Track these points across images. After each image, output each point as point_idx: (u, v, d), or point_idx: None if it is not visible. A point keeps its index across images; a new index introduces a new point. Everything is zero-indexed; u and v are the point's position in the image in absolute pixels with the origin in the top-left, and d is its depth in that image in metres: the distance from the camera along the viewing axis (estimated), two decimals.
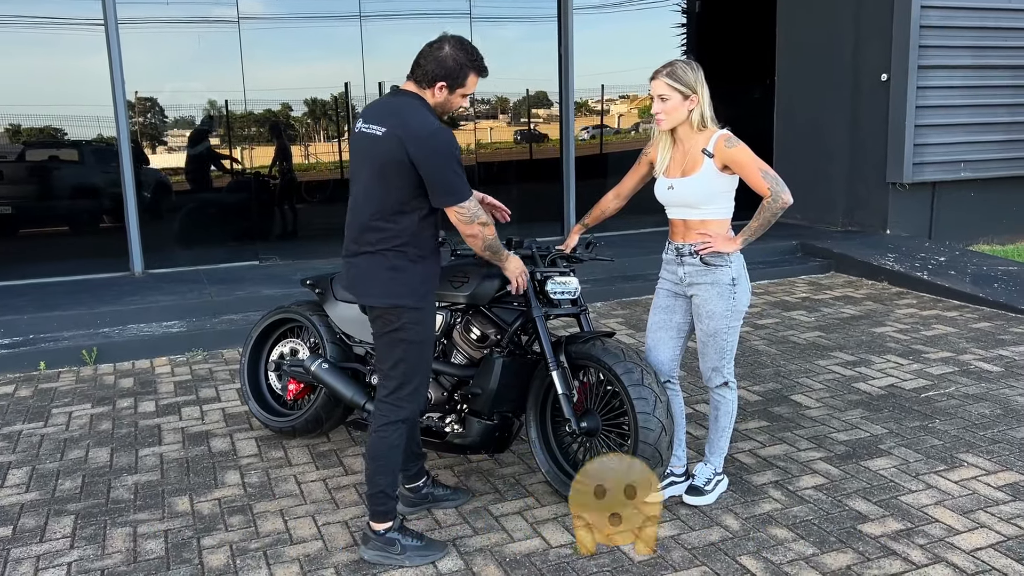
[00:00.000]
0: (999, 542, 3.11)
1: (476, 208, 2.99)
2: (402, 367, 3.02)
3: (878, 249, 7.85)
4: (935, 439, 4.03)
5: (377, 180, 2.93)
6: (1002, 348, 5.39)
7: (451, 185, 2.90)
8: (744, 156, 3.18)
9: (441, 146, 2.86)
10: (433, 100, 2.97)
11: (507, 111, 9.18)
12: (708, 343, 3.35)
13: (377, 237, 2.96)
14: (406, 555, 3.03)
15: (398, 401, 3.05)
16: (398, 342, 3.01)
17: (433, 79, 2.93)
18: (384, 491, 3.04)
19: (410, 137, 2.84)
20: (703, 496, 3.45)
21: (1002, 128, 8.60)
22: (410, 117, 2.89)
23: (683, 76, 3.19)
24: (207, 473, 3.86)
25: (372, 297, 3.01)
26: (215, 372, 5.31)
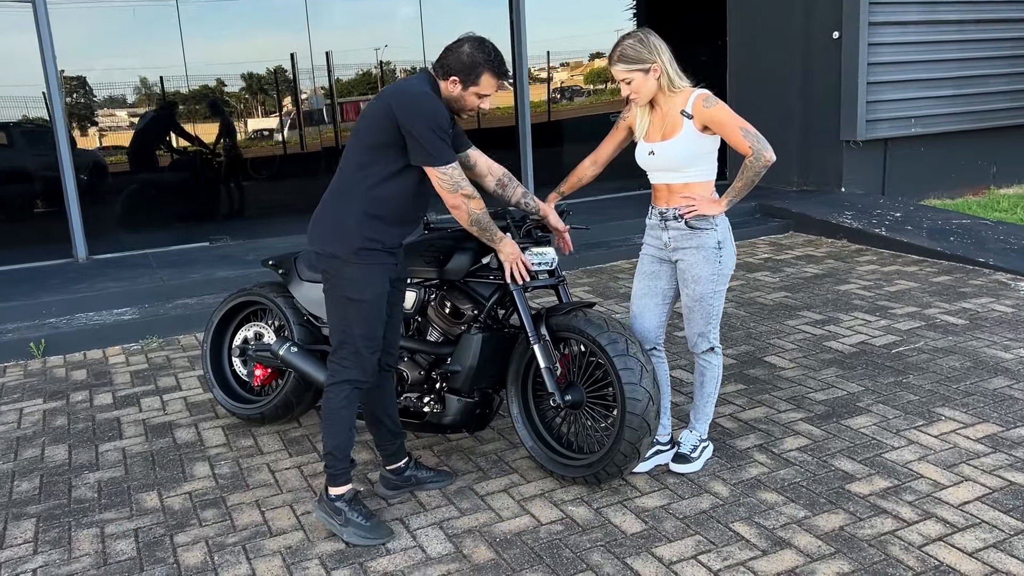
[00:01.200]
0: (985, 495, 3.12)
1: (460, 177, 2.92)
2: (342, 325, 2.98)
3: (835, 207, 7.90)
4: (911, 394, 4.05)
5: (355, 136, 2.95)
6: (964, 301, 5.46)
7: (431, 145, 2.84)
8: (723, 115, 3.10)
9: (426, 106, 2.84)
10: (446, 92, 2.96)
11: None
12: (694, 308, 3.28)
13: (337, 185, 2.98)
14: (348, 528, 2.99)
15: (342, 360, 3.00)
16: (337, 297, 2.98)
17: (448, 72, 2.94)
18: (332, 452, 3.01)
19: (396, 94, 2.87)
20: (690, 463, 3.40)
21: (951, 83, 8.70)
22: (405, 83, 2.93)
23: (635, 55, 3.11)
24: (174, 466, 3.69)
25: (313, 241, 3.00)
26: (173, 360, 5.10)
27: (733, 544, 2.90)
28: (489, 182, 3.34)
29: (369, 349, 3.00)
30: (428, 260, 3.47)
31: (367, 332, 2.98)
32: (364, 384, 3.05)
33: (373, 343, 3.01)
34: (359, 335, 2.97)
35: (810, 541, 2.89)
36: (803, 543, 2.88)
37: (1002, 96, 8.97)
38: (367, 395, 3.17)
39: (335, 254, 2.92)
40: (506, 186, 3.37)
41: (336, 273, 2.94)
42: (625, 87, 3.16)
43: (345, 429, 3.02)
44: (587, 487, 3.31)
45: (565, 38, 9.41)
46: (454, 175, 2.90)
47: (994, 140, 9.13)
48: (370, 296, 2.96)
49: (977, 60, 8.76)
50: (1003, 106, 9.00)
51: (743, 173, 3.12)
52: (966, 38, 8.62)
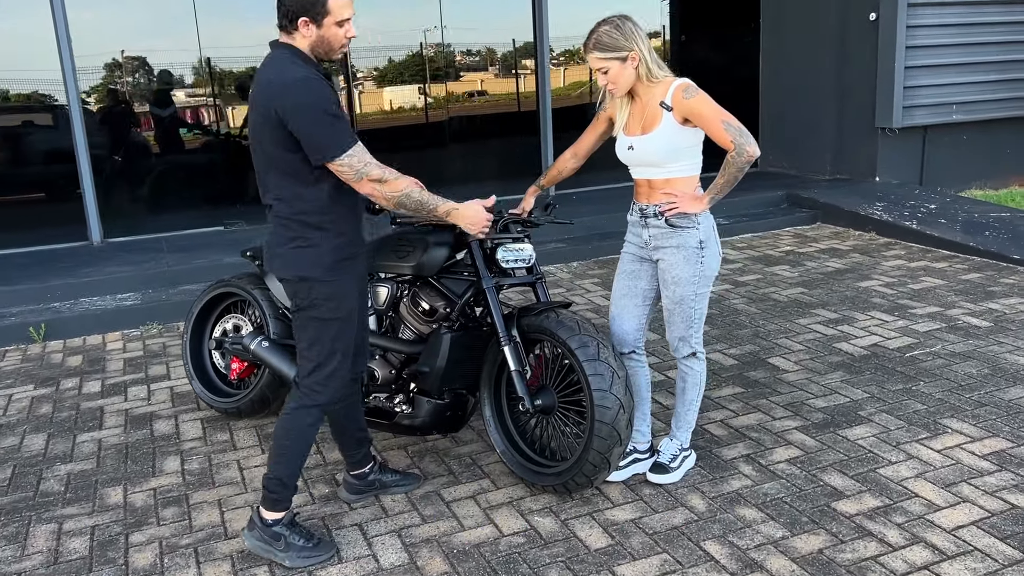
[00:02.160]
0: (982, 519, 2.90)
1: (362, 163, 2.57)
2: (317, 348, 2.76)
3: (866, 198, 7.57)
4: (918, 403, 3.81)
5: (263, 144, 2.62)
6: (991, 301, 5.15)
7: (321, 137, 2.53)
8: (704, 107, 2.90)
9: (301, 95, 2.50)
10: (307, 42, 2.61)
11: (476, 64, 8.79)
12: (674, 311, 3.10)
13: (280, 205, 2.68)
14: (288, 553, 2.79)
15: (315, 385, 2.78)
16: (310, 320, 2.75)
17: (293, 16, 2.57)
18: (281, 479, 2.79)
19: (270, 93, 2.53)
20: (668, 474, 3.23)
21: (996, 67, 8.25)
22: (269, 72, 2.58)
23: (611, 42, 2.91)
24: (146, 460, 3.63)
25: (277, 268, 2.75)
26: (168, 347, 5.07)
27: (700, 565, 2.73)
28: None
29: (346, 368, 2.82)
30: (401, 255, 3.34)
31: (345, 350, 2.79)
32: (336, 405, 2.91)
33: (349, 359, 2.83)
34: (338, 356, 2.77)
35: (783, 565, 2.70)
36: (776, 566, 2.70)
37: None
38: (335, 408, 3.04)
39: (305, 276, 2.69)
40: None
41: (307, 295, 2.71)
42: (601, 77, 2.98)
43: (303, 455, 2.82)
44: (558, 496, 3.16)
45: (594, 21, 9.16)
46: (353, 163, 2.56)
47: None
48: (347, 311, 2.76)
49: (1023, 43, 8.30)
50: None
51: (725, 169, 2.92)
52: (1013, 19, 8.16)
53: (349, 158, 2.56)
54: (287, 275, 2.73)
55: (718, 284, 5.82)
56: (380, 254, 3.43)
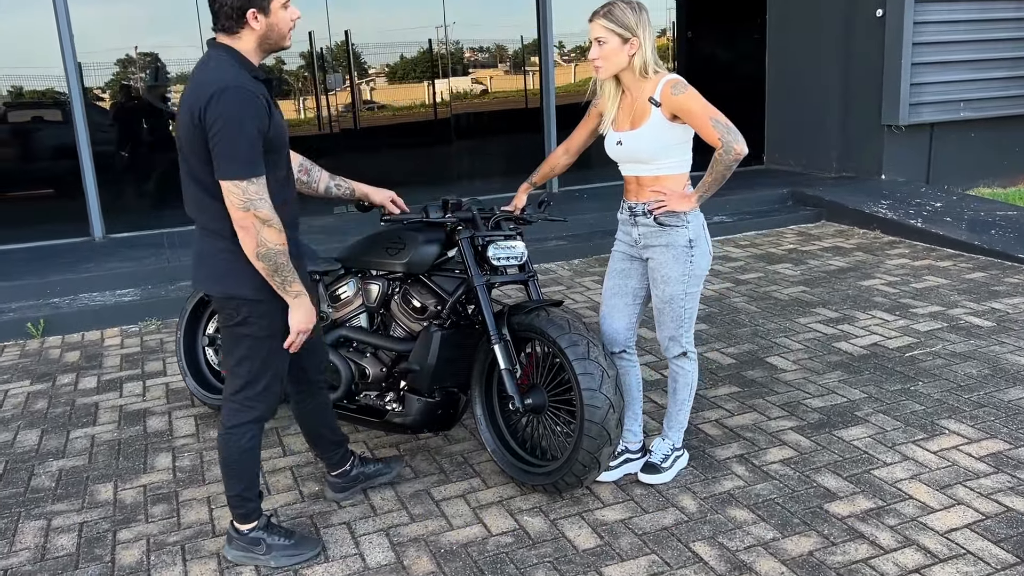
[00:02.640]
0: (976, 521, 2.86)
1: (257, 196, 2.40)
2: (247, 365, 2.64)
3: (871, 196, 7.51)
4: (916, 404, 3.76)
5: (186, 150, 2.49)
6: (995, 300, 5.10)
7: (226, 154, 2.36)
8: (692, 103, 2.86)
9: (226, 106, 2.35)
10: (256, 36, 2.48)
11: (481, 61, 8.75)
12: (664, 311, 3.06)
13: (204, 217, 2.54)
14: (271, 555, 2.76)
15: (247, 401, 2.68)
16: (241, 337, 2.62)
17: (240, 14, 2.43)
18: (240, 495, 2.74)
19: (197, 97, 2.39)
20: (660, 474, 3.20)
21: (1005, 64, 8.17)
22: (202, 75, 2.44)
23: (622, 17, 2.86)
24: (137, 456, 3.63)
25: (204, 284, 2.62)
26: (166, 343, 5.07)
27: (688, 567, 2.70)
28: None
29: (279, 382, 2.73)
30: (392, 253, 3.32)
31: (279, 365, 2.70)
32: (271, 416, 2.80)
33: (284, 373, 2.74)
34: (271, 373, 2.68)
35: (773, 567, 2.67)
36: (765, 569, 2.66)
37: None
38: (304, 414, 3.00)
39: (232, 295, 2.56)
40: (309, 171, 3.06)
41: (235, 313, 2.59)
42: (596, 48, 2.91)
43: (253, 468, 2.75)
44: (548, 495, 3.14)
45: None
46: (249, 191, 2.38)
47: None
48: (279, 328, 2.63)
49: None
50: None
51: (713, 167, 2.88)
52: (1020, 16, 8.06)
53: (247, 183, 2.39)
54: (213, 292, 2.61)
55: (718, 283, 5.78)
56: (371, 251, 3.41)
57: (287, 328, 2.66)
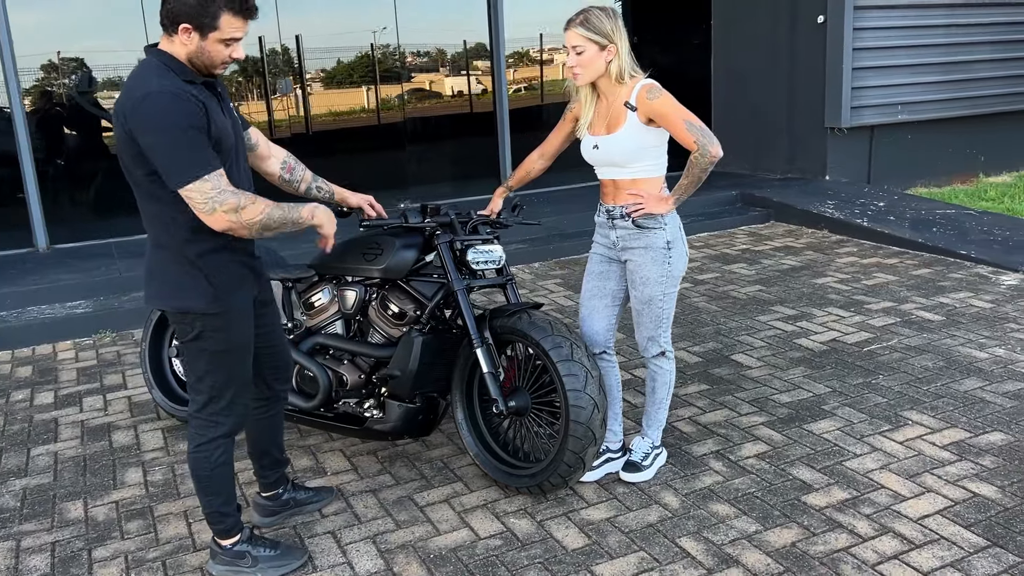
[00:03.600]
0: (947, 507, 2.97)
1: (216, 190, 2.30)
2: (209, 380, 2.58)
3: (817, 196, 7.72)
4: (879, 396, 3.89)
5: (125, 162, 2.41)
6: (942, 295, 5.30)
7: (168, 162, 2.27)
8: (667, 107, 2.91)
9: (152, 113, 2.25)
10: (185, 50, 2.37)
11: (433, 65, 8.74)
12: (643, 311, 3.11)
13: (153, 229, 2.47)
14: (258, 567, 2.71)
15: (212, 417, 2.62)
16: (199, 352, 2.55)
17: (174, 21, 2.32)
18: (219, 511, 2.69)
19: (123, 109, 2.31)
20: (641, 472, 3.24)
21: (939, 68, 8.49)
22: (131, 84, 2.33)
23: (598, 25, 2.90)
24: (106, 472, 3.53)
25: (156, 299, 2.55)
26: (123, 355, 4.94)
27: (677, 562, 2.74)
28: (272, 165, 2.90)
29: (246, 393, 2.69)
30: (369, 258, 3.30)
31: (243, 378, 2.64)
32: (240, 430, 2.76)
33: (249, 385, 2.69)
34: (235, 386, 2.61)
35: (759, 559, 2.74)
36: (751, 561, 2.73)
37: (992, 82, 8.76)
38: (257, 426, 2.92)
39: (186, 309, 2.49)
40: (293, 169, 2.96)
41: (191, 328, 2.51)
42: (573, 56, 2.95)
43: (228, 482, 2.69)
44: (533, 497, 3.15)
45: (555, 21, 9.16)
46: (205, 190, 2.28)
47: (983, 127, 8.94)
48: (240, 340, 2.58)
49: (966, 45, 8.55)
50: (992, 92, 8.80)
51: (689, 170, 2.94)
52: (955, 22, 8.41)
53: (201, 183, 2.28)
54: (165, 307, 2.53)
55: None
56: (347, 257, 3.38)
57: (248, 338, 2.61)
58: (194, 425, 2.65)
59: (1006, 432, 3.48)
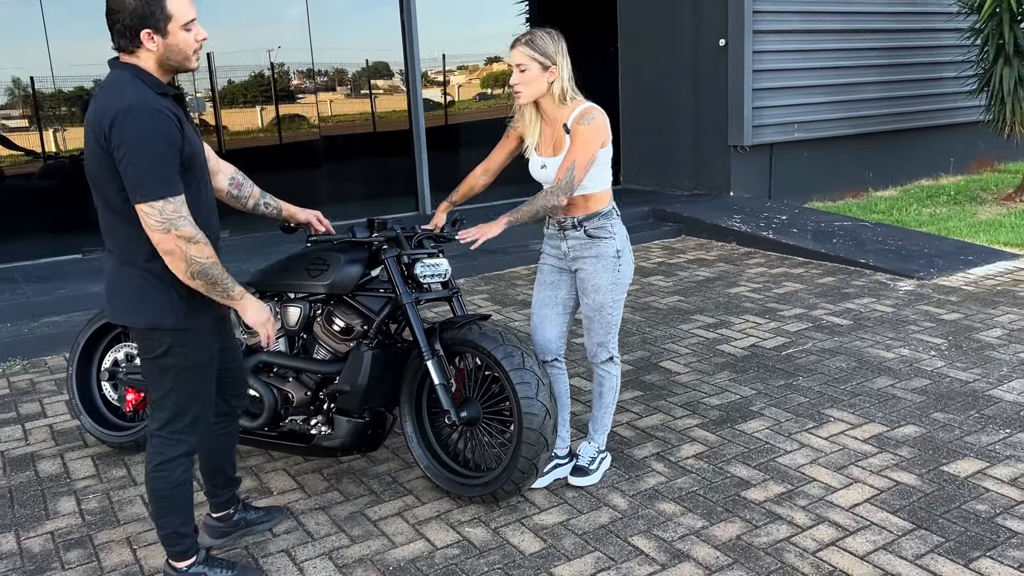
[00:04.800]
0: (874, 496, 3.18)
1: (176, 214, 2.31)
2: (174, 397, 2.56)
3: (724, 211, 8.08)
4: (801, 396, 4.12)
5: (96, 178, 2.39)
6: (848, 301, 5.64)
7: (137, 175, 2.28)
8: (580, 136, 3.02)
9: (133, 126, 2.27)
10: (154, 56, 2.37)
11: (346, 83, 8.71)
12: (594, 318, 3.22)
13: (118, 246, 2.44)
14: None
15: (174, 435, 2.59)
16: (165, 369, 2.52)
17: (134, 32, 2.33)
18: (176, 531, 2.65)
19: (102, 120, 2.29)
20: (588, 476, 3.34)
21: (829, 90, 9.02)
22: (105, 95, 2.34)
23: (542, 45, 3.02)
24: (35, 503, 3.38)
25: (122, 315, 2.50)
26: (38, 383, 4.72)
27: (632, 559, 2.84)
28: (221, 181, 2.92)
29: (209, 411, 2.67)
30: (313, 274, 3.30)
31: (207, 394, 2.63)
32: (200, 448, 2.74)
33: (211, 402, 2.67)
34: (199, 402, 2.60)
35: (708, 552, 2.87)
36: (701, 555, 2.85)
37: (876, 103, 9.37)
38: (213, 444, 2.87)
39: (155, 325, 2.46)
40: (241, 185, 2.97)
41: (158, 344, 2.49)
42: (517, 74, 3.05)
43: (187, 502, 2.65)
44: (485, 506, 3.20)
45: (460, 41, 9.28)
46: (165, 210, 2.29)
47: (870, 145, 9.54)
48: (205, 357, 2.58)
49: (854, 68, 9.12)
50: (877, 112, 9.41)
51: (535, 200, 3.04)
52: (842, 47, 8.96)
53: (163, 203, 2.29)
54: (133, 323, 2.49)
55: None
56: (290, 273, 3.36)
57: (212, 354, 2.61)
58: (154, 444, 2.60)
59: (918, 425, 3.75)
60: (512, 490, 3.10)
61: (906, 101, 9.53)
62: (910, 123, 9.64)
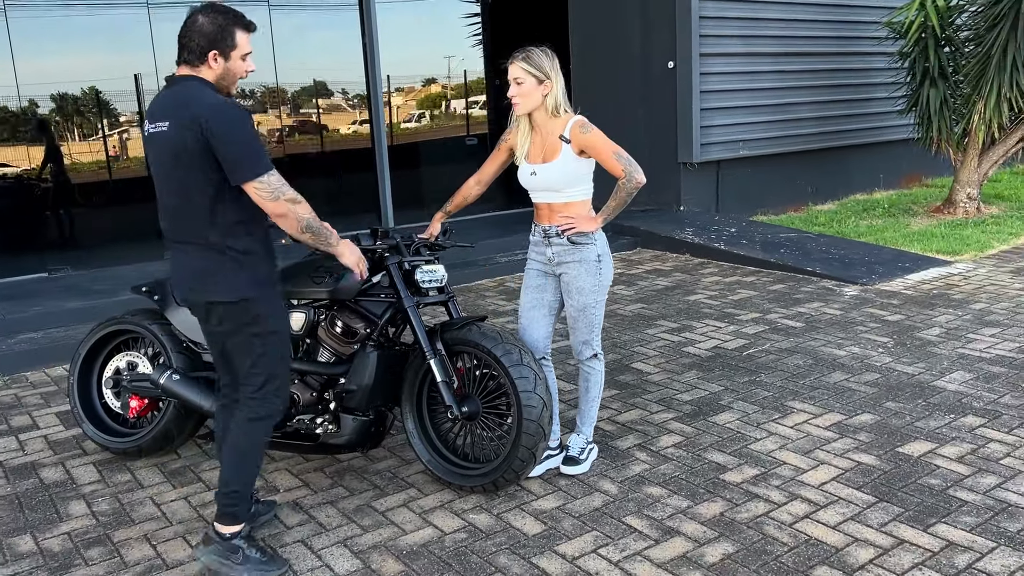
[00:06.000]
0: (839, 475, 3.50)
1: (280, 183, 2.75)
2: (264, 361, 2.90)
3: (677, 224, 8.46)
4: (764, 391, 4.44)
5: (183, 174, 2.72)
6: (799, 306, 6.02)
7: (244, 157, 2.68)
8: (598, 140, 3.33)
9: (228, 118, 2.66)
10: (214, 75, 2.78)
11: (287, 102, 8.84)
12: (578, 318, 3.48)
13: (207, 231, 2.77)
14: (245, 566, 2.88)
15: (266, 396, 2.93)
16: (253, 337, 2.87)
17: (202, 52, 2.74)
18: (239, 491, 2.91)
19: (197, 118, 2.64)
20: (579, 465, 3.59)
21: (769, 110, 9.53)
22: (191, 100, 2.69)
23: (538, 61, 3.30)
24: (45, 507, 3.48)
25: (214, 292, 2.81)
26: (23, 398, 4.77)
27: (628, 536, 3.10)
28: None
29: (289, 374, 3.03)
30: (317, 281, 3.49)
31: (288, 358, 3.00)
32: (279, 418, 3.04)
33: (289, 370, 3.04)
34: (284, 365, 2.96)
35: (696, 528, 3.14)
36: (690, 530, 3.12)
37: (813, 122, 9.91)
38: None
39: (246, 296, 2.80)
40: None
41: (245, 315, 2.82)
42: (514, 87, 3.32)
43: (258, 465, 2.97)
44: (484, 495, 3.42)
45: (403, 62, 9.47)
46: (272, 181, 2.72)
47: (809, 162, 10.07)
48: (284, 322, 2.97)
49: (791, 89, 9.64)
50: (814, 131, 9.96)
51: (616, 194, 3.36)
52: (781, 69, 9.48)
53: (269, 177, 2.71)
54: (227, 298, 2.80)
55: None
56: (295, 280, 3.54)
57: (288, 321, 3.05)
58: (249, 405, 2.92)
59: (873, 413, 4.10)
60: (512, 478, 3.33)
61: (841, 120, 10.11)
62: (845, 141, 10.21)
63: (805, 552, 2.96)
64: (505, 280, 7.25)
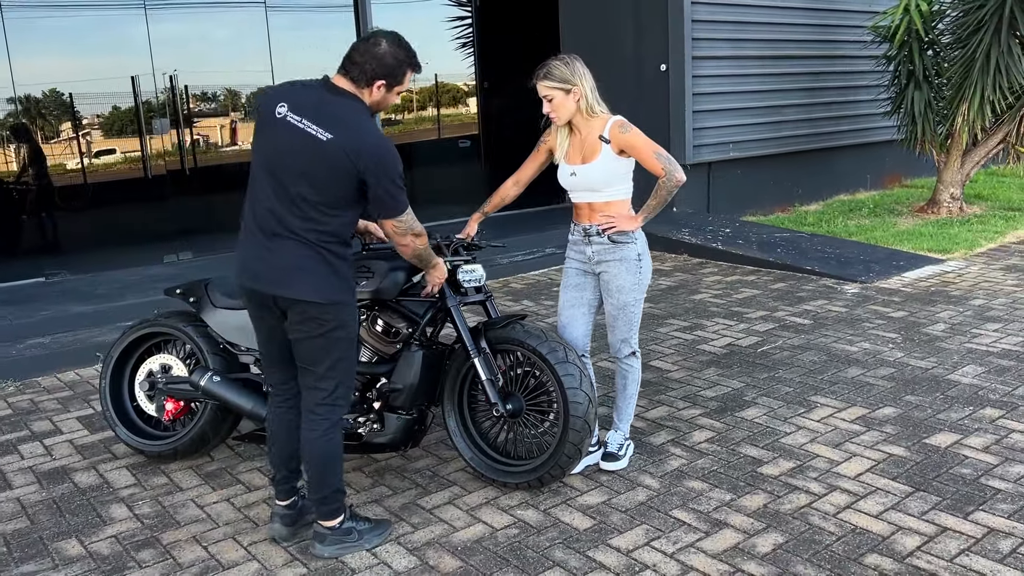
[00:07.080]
0: (872, 466, 3.59)
1: (411, 220, 2.95)
2: (342, 365, 2.99)
3: (673, 225, 8.55)
4: (786, 387, 4.53)
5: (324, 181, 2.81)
6: (804, 304, 6.14)
7: (394, 200, 2.88)
8: (638, 140, 3.39)
9: (391, 163, 2.83)
10: (370, 99, 2.89)
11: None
12: (618, 316, 3.53)
13: (312, 232, 2.84)
14: (364, 538, 3.06)
15: (339, 400, 3.01)
16: (336, 341, 2.93)
17: (372, 78, 2.85)
18: (338, 488, 3.04)
19: (360, 152, 2.78)
20: (618, 461, 3.64)
21: (758, 112, 9.68)
22: (358, 129, 2.81)
23: (559, 74, 3.36)
24: (85, 511, 3.44)
25: (306, 292, 2.85)
26: (39, 403, 4.70)
27: (678, 529, 3.15)
28: None
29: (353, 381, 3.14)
30: (359, 281, 3.49)
31: (356, 366, 3.13)
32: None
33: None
34: (353, 371, 3.07)
35: (743, 520, 3.20)
36: (737, 522, 3.18)
37: (800, 124, 10.08)
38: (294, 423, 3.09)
39: (339, 300, 2.90)
40: None
41: (333, 318, 2.90)
42: (547, 104, 3.38)
43: (341, 460, 3.05)
44: (527, 492, 3.45)
45: None
46: (408, 220, 2.94)
47: (796, 163, 10.24)
48: (357, 330, 3.06)
49: (779, 92, 9.80)
50: (801, 132, 10.13)
51: (657, 192, 3.42)
52: (769, 72, 9.64)
53: (407, 215, 2.93)
54: (318, 299, 2.86)
55: None
56: None
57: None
58: (320, 413, 2.98)
59: (895, 406, 4.20)
60: (558, 474, 3.37)
61: (827, 122, 10.29)
62: (830, 142, 10.40)
63: (853, 540, 3.03)
64: (508, 281, 7.28)
